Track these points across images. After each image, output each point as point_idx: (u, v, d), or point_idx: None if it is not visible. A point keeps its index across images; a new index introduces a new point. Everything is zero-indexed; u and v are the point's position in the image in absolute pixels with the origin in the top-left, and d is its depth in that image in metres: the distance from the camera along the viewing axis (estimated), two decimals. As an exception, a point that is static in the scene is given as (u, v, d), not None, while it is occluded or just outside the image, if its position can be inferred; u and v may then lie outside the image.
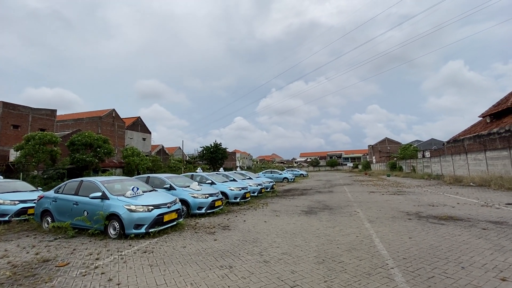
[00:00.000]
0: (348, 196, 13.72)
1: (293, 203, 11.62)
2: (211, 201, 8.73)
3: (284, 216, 8.35)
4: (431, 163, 29.45)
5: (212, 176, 12.44)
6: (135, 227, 6.00)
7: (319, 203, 11.36)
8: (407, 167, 38.27)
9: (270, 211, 9.46)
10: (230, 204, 11.08)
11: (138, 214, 6.06)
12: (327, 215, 8.32)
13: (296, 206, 10.62)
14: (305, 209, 9.78)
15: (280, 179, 28.84)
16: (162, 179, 9.29)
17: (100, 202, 6.46)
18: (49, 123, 30.87)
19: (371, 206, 10.01)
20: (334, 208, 9.81)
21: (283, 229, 6.61)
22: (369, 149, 77.29)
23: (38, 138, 22.34)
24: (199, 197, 8.56)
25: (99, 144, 27.61)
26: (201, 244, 5.48)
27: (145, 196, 6.78)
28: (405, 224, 6.80)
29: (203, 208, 8.51)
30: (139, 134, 47.75)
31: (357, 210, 9.09)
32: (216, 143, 49.04)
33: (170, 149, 63.86)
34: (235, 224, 7.31)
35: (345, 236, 5.79)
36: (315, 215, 8.38)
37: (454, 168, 23.58)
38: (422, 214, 8.08)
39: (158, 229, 6.23)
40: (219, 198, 9.29)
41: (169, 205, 6.71)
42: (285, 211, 9.45)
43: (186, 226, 7.14)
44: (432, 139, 63.18)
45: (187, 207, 8.51)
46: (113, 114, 40.79)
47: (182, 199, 8.53)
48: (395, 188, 17.16)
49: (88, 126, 38.58)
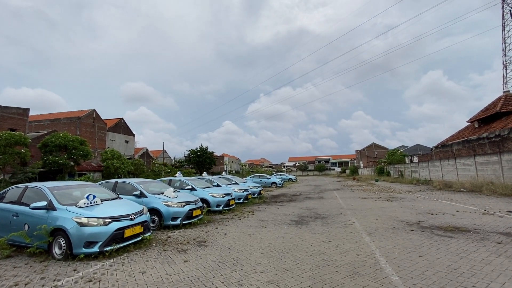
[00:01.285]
0: (339, 202, 12.89)
1: (281, 211, 10.63)
2: (188, 210, 7.58)
3: (272, 228, 7.33)
4: (419, 168, 29.37)
5: (193, 181, 11.27)
6: (86, 245, 4.81)
7: (310, 211, 10.43)
8: (395, 172, 38.27)
9: (256, 221, 8.41)
10: (212, 212, 9.95)
11: (91, 229, 4.88)
12: (320, 226, 7.37)
13: (285, 214, 9.63)
14: (295, 218, 8.80)
15: (268, 184, 27.87)
16: (132, 184, 8.08)
17: (45, 213, 5.23)
18: (20, 122, 28.62)
19: (366, 214, 9.17)
20: (326, 217, 8.88)
21: (270, 245, 5.58)
22: (356, 154, 77.83)
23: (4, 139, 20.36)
24: (173, 206, 7.40)
25: (75, 146, 25.76)
26: (166, 267, 4.36)
27: (103, 206, 5.58)
28: (409, 237, 5.94)
29: (178, 219, 7.36)
30: (122, 136, 45.60)
31: (352, 220, 8.21)
32: (202, 147, 47.56)
33: (155, 152, 61.64)
34: (214, 239, 6.21)
35: (344, 254, 4.83)
36: (307, 226, 7.41)
37: (442, 173, 23.41)
38: (423, 224, 7.28)
39: (116, 247, 5.05)
40: (198, 207, 8.16)
41: (133, 216, 5.54)
42: (272, 220, 8.43)
43: (155, 242, 5.98)
44: (418, 145, 64.28)
45: (159, 217, 7.34)
46: (93, 115, 38.70)
47: (154, 208, 7.36)
48: (386, 194, 16.53)
49: (65, 127, 36.34)
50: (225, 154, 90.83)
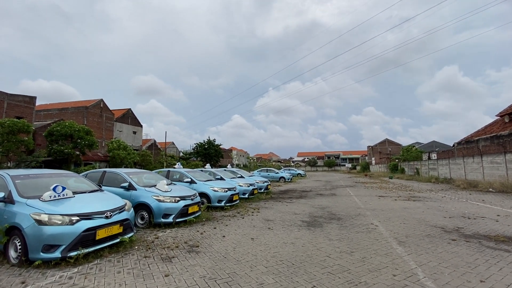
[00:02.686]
0: (355, 201, 11.63)
1: (290, 208, 9.49)
2: (182, 206, 6.54)
3: (279, 230, 6.21)
4: (438, 165, 27.52)
5: (194, 173, 10.25)
6: (45, 249, 3.83)
7: (322, 209, 9.24)
8: (410, 169, 36.38)
9: (261, 221, 7.31)
10: (213, 209, 8.92)
11: (52, 229, 3.89)
12: (337, 230, 6.20)
13: (294, 213, 8.48)
14: (306, 218, 7.65)
15: (276, 178, 26.74)
16: (121, 175, 7.09)
17: (2, 207, 4.28)
18: (27, 111, 28.38)
19: (389, 216, 7.91)
20: (343, 218, 7.68)
21: (277, 254, 4.47)
22: (368, 150, 75.43)
23: (7, 126, 19.93)
24: (165, 201, 6.38)
25: (81, 135, 25.33)
26: (139, 284, 3.31)
27: (74, 200, 4.59)
28: (454, 249, 4.69)
29: (170, 216, 6.33)
30: (129, 127, 45.29)
31: (374, 222, 6.99)
32: (209, 140, 46.73)
33: (164, 144, 61.32)
34: (209, 243, 5.15)
35: (375, 273, 3.66)
36: (321, 229, 6.25)
37: (465, 171, 21.62)
38: (464, 231, 5.99)
39: (84, 251, 4.06)
40: (196, 203, 7.12)
41: (109, 213, 4.53)
42: (280, 221, 7.31)
43: (138, 245, 4.96)
44: (434, 142, 61.53)
45: (149, 213, 6.34)
46: (101, 105, 38.35)
47: (143, 202, 6.36)
48: (405, 192, 15.11)
49: (73, 116, 36.12)
50: (233, 148, 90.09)
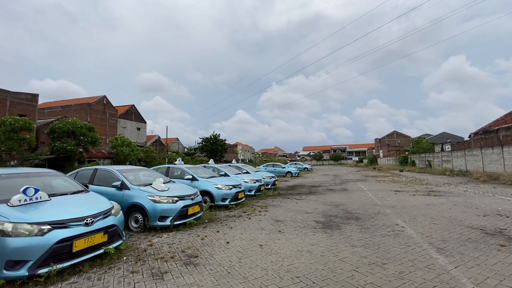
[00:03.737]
0: (370, 196, 10.76)
1: (301, 206, 8.69)
2: (181, 207, 5.79)
3: (292, 233, 5.41)
4: (452, 157, 26.28)
5: (196, 169, 9.51)
6: (9, 266, 3.11)
7: (336, 207, 8.41)
8: (421, 161, 35.12)
9: (270, 221, 6.53)
10: (216, 208, 8.17)
11: (17, 241, 3.16)
12: (358, 233, 5.37)
13: (306, 212, 7.68)
14: (320, 218, 6.84)
15: (283, 173, 25.95)
16: (113, 173, 6.36)
17: (-37, 214, 3.58)
18: (30, 108, 28.04)
19: (414, 214, 7.05)
20: (361, 217, 6.85)
21: (291, 268, 3.67)
22: (375, 142, 73.83)
23: (9, 124, 19.52)
24: (162, 202, 5.63)
25: (83, 132, 24.90)
26: (118, 315, 2.57)
27: (49, 205, 3.86)
28: (508, 259, 3.84)
29: (167, 219, 5.59)
30: (133, 123, 44.88)
31: (399, 223, 6.13)
32: (214, 135, 46.07)
33: (168, 140, 61.00)
34: (210, 251, 4.38)
35: (420, 295, 2.84)
36: (339, 232, 5.44)
37: (483, 163, 20.45)
38: (509, 233, 5.10)
39: (57, 267, 3.33)
40: (197, 203, 6.37)
41: (90, 220, 3.79)
42: (291, 221, 6.52)
43: (127, 255, 4.22)
44: (444, 133, 59.79)
45: (143, 216, 5.61)
46: (104, 101, 37.90)
47: (136, 204, 5.63)
48: (422, 186, 14.15)
49: (76, 113, 35.81)
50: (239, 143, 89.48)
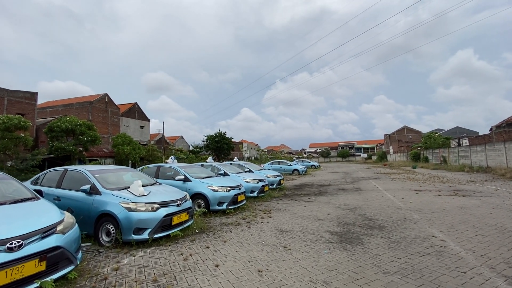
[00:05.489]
0: (388, 197, 9.48)
1: (311, 211, 7.49)
2: (163, 216, 4.68)
3: (301, 251, 4.23)
4: (470, 152, 24.58)
5: (190, 169, 8.39)
6: None
7: (352, 212, 7.19)
8: (435, 157, 33.34)
9: (273, 233, 5.36)
10: (212, 213, 7.04)
11: None
12: (387, 249, 4.16)
13: (317, 219, 6.48)
14: (335, 227, 5.63)
15: (289, 171, 24.72)
16: (84, 174, 5.28)
17: None
18: (28, 107, 27.44)
19: (450, 221, 5.77)
20: (386, 225, 5.61)
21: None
22: (385, 138, 71.67)
23: (2, 122, 18.81)
24: (139, 210, 4.53)
25: (83, 131, 24.12)
26: None
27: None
28: None
29: (145, 231, 4.48)
30: (136, 121, 44.21)
31: (436, 233, 4.89)
32: (220, 132, 44.98)
33: (172, 138, 60.33)
34: (191, 281, 3.22)
35: None
36: (362, 248, 4.23)
37: (507, 158, 18.82)
38: None
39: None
40: (184, 209, 5.24)
41: (16, 243, 2.69)
42: (300, 232, 5.33)
43: (81, 284, 3.13)
44: (457, 127, 57.34)
45: (116, 227, 4.52)
46: (105, 99, 37.25)
47: (107, 212, 4.54)
48: (444, 185, 12.76)
49: (78, 112, 35.25)
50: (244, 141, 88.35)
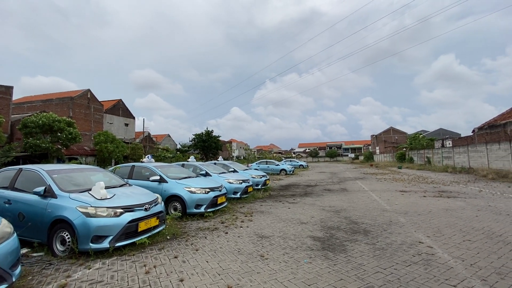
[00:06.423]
0: (374, 199, 9.29)
1: (294, 213, 7.16)
2: (127, 222, 4.18)
3: (278, 261, 3.85)
4: (453, 153, 25.12)
5: (168, 169, 7.87)
6: None
7: (337, 214, 6.90)
8: (420, 158, 34.02)
9: (251, 238, 4.97)
10: (189, 216, 6.57)
11: None
12: (372, 258, 3.85)
13: (300, 222, 6.14)
14: (318, 232, 5.30)
15: (277, 171, 24.44)
16: (39, 174, 4.70)
17: None
18: (2, 102, 25.90)
19: (437, 225, 5.57)
20: (371, 230, 5.33)
21: None
22: (372, 139, 72.88)
23: (-28, 118, 17.60)
24: (99, 215, 4.03)
25: (61, 127, 22.91)
26: None
27: None
28: None
29: (105, 239, 3.98)
30: (121, 119, 42.80)
31: (423, 239, 4.63)
32: (208, 131, 44.17)
33: (159, 137, 58.90)
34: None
35: None
36: (345, 257, 3.90)
37: (489, 159, 19.25)
38: None
39: None
40: (155, 213, 4.75)
41: None
42: (280, 238, 4.96)
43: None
44: (441, 129, 58.98)
45: (72, 235, 4.00)
46: (88, 95, 35.78)
47: (62, 218, 4.01)
48: (429, 186, 12.78)
49: (58, 108, 33.69)
50: (234, 140, 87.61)
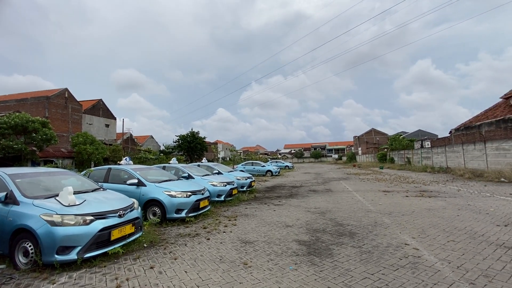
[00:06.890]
0: (359, 199, 9.35)
1: (280, 216, 7.02)
2: (97, 231, 3.86)
3: (262, 269, 3.67)
4: (432, 154, 26.09)
5: (148, 171, 7.50)
6: None
7: (322, 216, 6.83)
8: (400, 158, 35.11)
9: (234, 245, 4.76)
10: (169, 221, 6.26)
11: None
12: (358, 262, 3.76)
13: (285, 225, 6.00)
14: (303, 235, 5.18)
15: (263, 172, 24.33)
16: (1, 178, 4.26)
17: None
18: (-29, 101, 24.19)
19: (421, 225, 5.61)
20: (357, 232, 5.28)
21: None
22: (354, 140, 74.60)
23: None
24: (66, 223, 3.68)
25: (36, 128, 21.61)
26: None
27: None
28: None
29: (73, 250, 3.63)
30: (101, 119, 41.16)
31: (408, 240, 4.63)
32: (193, 132, 43.34)
33: (142, 138, 57.22)
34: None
35: None
36: (331, 262, 3.79)
37: (465, 159, 20.09)
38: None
39: None
40: (130, 220, 4.44)
41: None
42: (265, 243, 4.79)
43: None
44: (420, 130, 61.27)
45: (35, 246, 3.62)
46: (65, 95, 34.13)
47: (24, 227, 3.63)
48: (410, 185, 13.09)
49: (33, 107, 31.89)
50: (219, 141, 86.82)
